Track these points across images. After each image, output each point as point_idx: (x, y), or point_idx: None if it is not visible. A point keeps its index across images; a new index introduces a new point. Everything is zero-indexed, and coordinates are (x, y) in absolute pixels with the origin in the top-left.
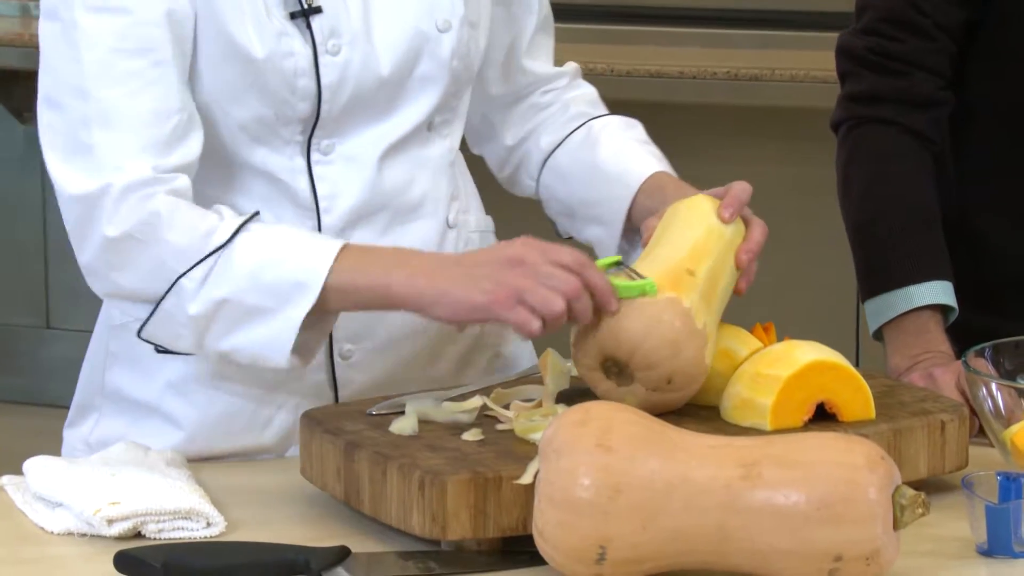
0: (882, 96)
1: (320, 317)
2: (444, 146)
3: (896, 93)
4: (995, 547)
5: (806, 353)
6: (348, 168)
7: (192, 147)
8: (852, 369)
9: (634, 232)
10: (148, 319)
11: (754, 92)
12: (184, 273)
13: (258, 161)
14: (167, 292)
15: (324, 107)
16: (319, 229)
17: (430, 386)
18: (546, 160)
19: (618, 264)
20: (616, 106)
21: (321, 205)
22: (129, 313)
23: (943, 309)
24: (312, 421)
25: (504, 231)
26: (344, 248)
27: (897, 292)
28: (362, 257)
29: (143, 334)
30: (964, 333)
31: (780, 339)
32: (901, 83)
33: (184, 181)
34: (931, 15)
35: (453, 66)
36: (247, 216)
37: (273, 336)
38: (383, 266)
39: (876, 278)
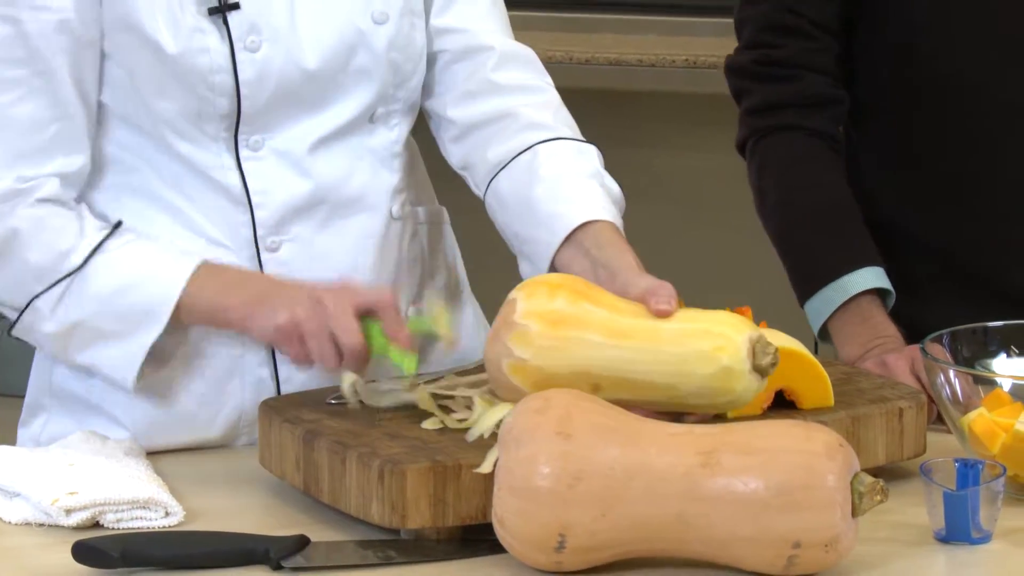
0: (778, 103)
1: (173, 329)
2: (389, 137)
3: (791, 97)
4: (953, 534)
5: (772, 342)
6: (280, 163)
7: (74, 159)
8: (811, 357)
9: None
10: (13, 325)
11: (713, 80)
12: (39, 294)
13: (187, 156)
14: (24, 309)
15: (244, 103)
16: (253, 224)
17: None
18: (491, 181)
19: (436, 335)
20: (575, 94)
21: (254, 200)
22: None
23: (880, 294)
24: (271, 410)
25: (460, 222)
26: (197, 269)
27: (831, 286)
28: (208, 279)
29: (12, 334)
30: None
31: (756, 323)
32: (793, 87)
33: (52, 187)
34: (806, 15)
35: (391, 58)
36: (107, 231)
37: (122, 358)
38: (220, 288)
39: (808, 279)
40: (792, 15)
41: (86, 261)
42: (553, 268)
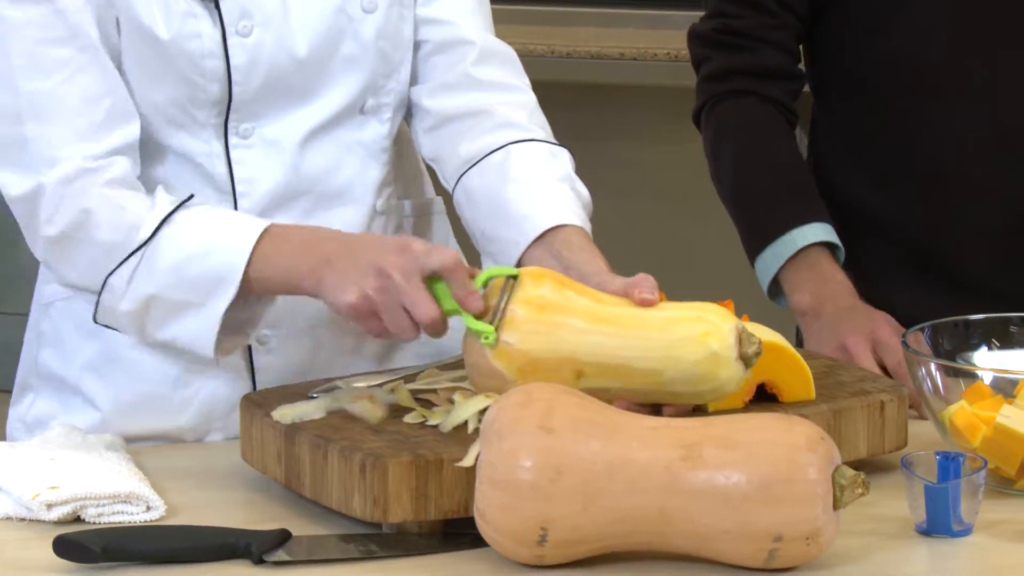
0: (734, 70)
1: (251, 300)
2: (381, 131)
3: (747, 66)
4: (934, 526)
5: (755, 333)
6: (268, 152)
7: (130, 128)
8: (793, 350)
9: None
10: (96, 310)
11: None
12: (112, 271)
13: (176, 144)
14: (102, 289)
15: (236, 89)
16: None
17: (351, 372)
18: (461, 176)
19: (513, 277)
20: (556, 88)
21: (238, 189)
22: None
23: (830, 249)
24: (252, 404)
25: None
26: (263, 235)
27: (780, 240)
28: (278, 243)
29: (98, 320)
30: None
31: (738, 316)
32: (750, 57)
33: (122, 166)
34: None
35: (380, 47)
36: (177, 202)
37: (200, 328)
38: (291, 253)
39: (759, 234)
40: None
41: (154, 234)
42: (520, 266)
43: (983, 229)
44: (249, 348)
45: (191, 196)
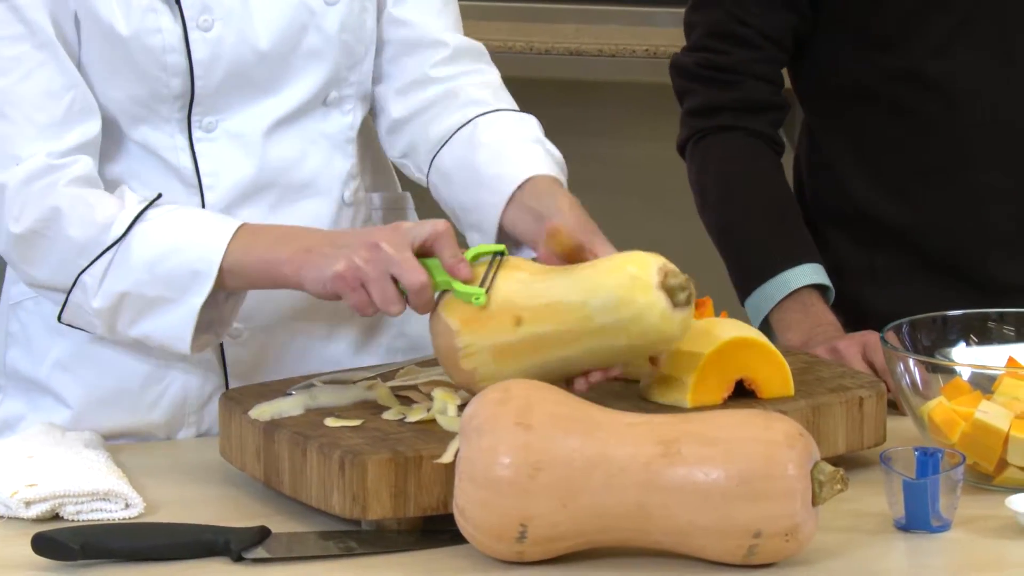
0: (719, 106)
1: (226, 295)
2: (344, 122)
3: (731, 102)
4: (913, 522)
5: (726, 330)
6: (233, 145)
7: (91, 124)
8: (771, 346)
9: (509, 240)
10: (62, 309)
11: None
12: (84, 269)
13: (140, 139)
14: (72, 286)
15: (198, 83)
16: (203, 207)
17: (324, 367)
18: (433, 158)
19: (500, 254)
20: (535, 84)
21: (204, 182)
22: (52, 299)
23: (820, 290)
24: (231, 402)
25: (428, 209)
26: (238, 230)
27: (771, 281)
28: (254, 237)
29: (63, 320)
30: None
31: (717, 314)
32: (734, 93)
33: (85, 165)
34: (754, 25)
35: (343, 39)
36: (146, 202)
37: (175, 324)
38: (269, 244)
39: (749, 275)
40: (742, 26)
41: (128, 230)
42: (502, 231)
43: (999, 231)
44: (221, 343)
45: (160, 195)
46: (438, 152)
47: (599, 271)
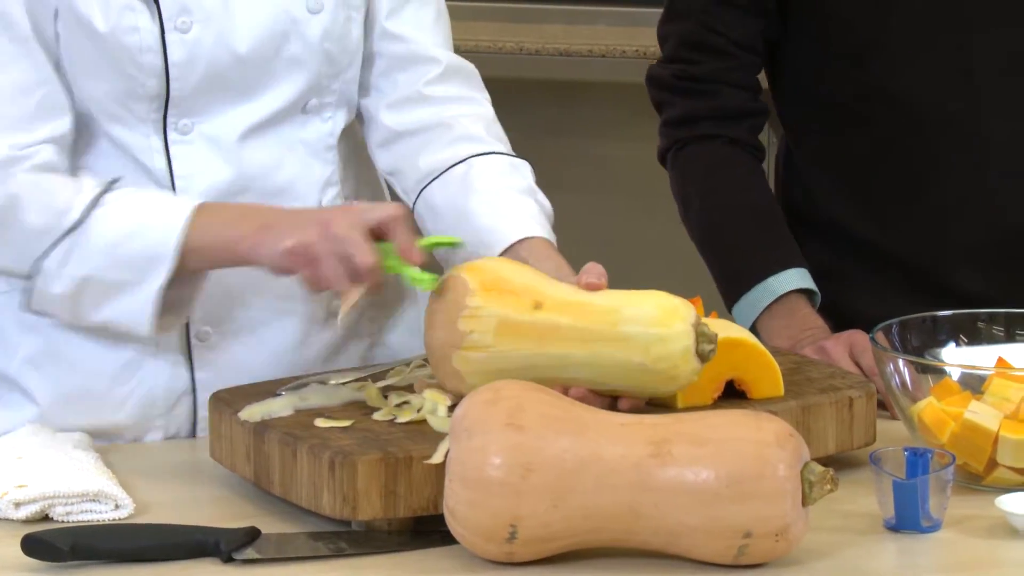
0: (697, 116)
1: (188, 277)
2: (323, 130)
3: (709, 111)
4: (903, 522)
5: (716, 330)
6: (208, 148)
7: (61, 121)
8: (761, 346)
9: None
10: (30, 297)
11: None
12: (43, 254)
13: (115, 137)
14: (34, 273)
15: (174, 84)
16: None
17: (295, 373)
18: (422, 190)
19: (453, 245)
20: (525, 85)
21: (177, 185)
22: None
23: (806, 295)
24: (221, 403)
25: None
26: (196, 210)
27: (757, 288)
28: (212, 216)
29: (33, 307)
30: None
31: (707, 314)
32: (712, 102)
33: (48, 153)
34: (726, 34)
35: (325, 48)
36: (103, 186)
37: (137, 307)
38: (228, 222)
39: (735, 282)
40: (714, 35)
41: (85, 215)
42: None
43: (970, 245)
44: (188, 344)
45: (117, 179)
46: (427, 185)
47: (641, 293)
